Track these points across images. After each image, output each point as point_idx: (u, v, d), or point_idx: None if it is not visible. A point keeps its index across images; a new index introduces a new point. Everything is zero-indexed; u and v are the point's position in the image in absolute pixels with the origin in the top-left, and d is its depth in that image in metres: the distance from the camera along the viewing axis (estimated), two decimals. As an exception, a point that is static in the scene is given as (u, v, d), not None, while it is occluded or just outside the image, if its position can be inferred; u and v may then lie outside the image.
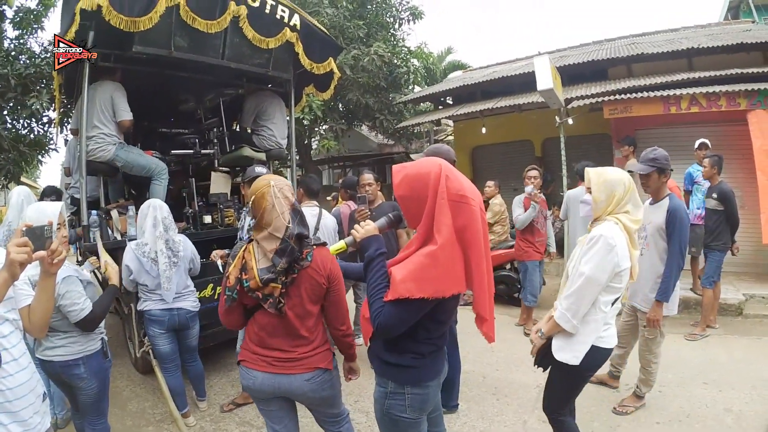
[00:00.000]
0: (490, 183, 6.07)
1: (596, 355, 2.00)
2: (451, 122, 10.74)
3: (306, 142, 11.34)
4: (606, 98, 6.08)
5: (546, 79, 5.45)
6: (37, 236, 1.41)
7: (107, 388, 2.40)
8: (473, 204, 1.47)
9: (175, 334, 3.13)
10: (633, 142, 5.47)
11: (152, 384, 3.54)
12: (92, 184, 3.96)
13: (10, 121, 5.50)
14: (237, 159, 4.19)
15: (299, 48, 4.04)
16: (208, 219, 4.00)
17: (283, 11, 3.85)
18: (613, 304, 2.01)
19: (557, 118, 6.38)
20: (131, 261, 2.99)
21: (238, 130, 4.76)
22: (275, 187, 1.76)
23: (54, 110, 4.68)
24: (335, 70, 4.49)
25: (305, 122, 8.23)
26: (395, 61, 9.71)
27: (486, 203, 6.10)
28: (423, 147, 13.82)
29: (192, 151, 4.13)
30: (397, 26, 10.28)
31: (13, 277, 1.33)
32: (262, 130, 4.55)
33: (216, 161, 4.18)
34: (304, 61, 4.12)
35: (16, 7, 5.52)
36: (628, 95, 5.93)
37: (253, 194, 1.78)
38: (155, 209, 3.05)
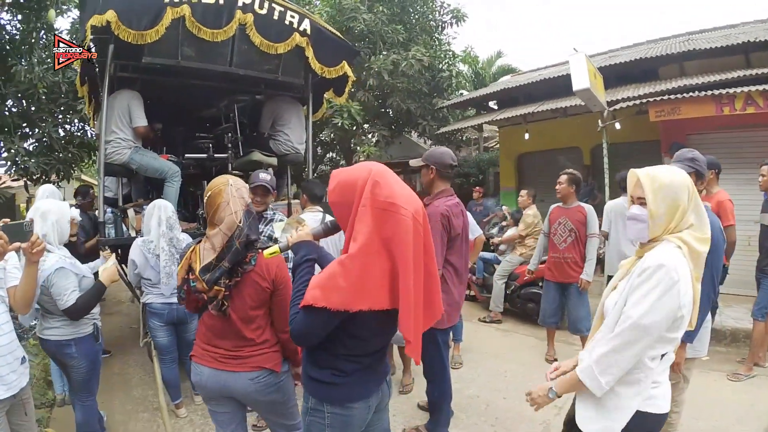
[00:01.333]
0: (523, 192, 5.76)
1: (645, 424, 1.45)
2: (497, 128, 10.35)
3: (351, 147, 11.43)
4: (650, 99, 5.47)
5: (582, 79, 5.03)
6: (16, 231, 1.69)
7: (97, 370, 2.59)
8: (404, 213, 1.35)
9: (174, 328, 3.27)
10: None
11: (158, 373, 3.72)
12: (117, 184, 4.29)
13: (63, 124, 6.20)
14: (247, 163, 4.32)
15: (309, 52, 4.06)
16: (220, 220, 4.14)
17: (292, 17, 3.90)
18: (663, 357, 1.46)
19: (599, 122, 5.89)
20: (137, 256, 3.19)
21: (252, 134, 4.91)
22: (233, 186, 1.81)
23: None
24: (349, 73, 4.47)
25: (347, 127, 8.29)
26: (438, 65, 9.53)
27: (520, 213, 5.76)
28: (471, 154, 13.44)
29: (206, 155, 4.31)
30: (440, 30, 10.08)
31: None
32: (278, 135, 4.67)
33: (230, 165, 4.33)
34: (315, 65, 4.13)
35: (72, 19, 6.20)
36: (676, 95, 5.28)
37: (209, 190, 1.82)
38: (160, 209, 3.22)
